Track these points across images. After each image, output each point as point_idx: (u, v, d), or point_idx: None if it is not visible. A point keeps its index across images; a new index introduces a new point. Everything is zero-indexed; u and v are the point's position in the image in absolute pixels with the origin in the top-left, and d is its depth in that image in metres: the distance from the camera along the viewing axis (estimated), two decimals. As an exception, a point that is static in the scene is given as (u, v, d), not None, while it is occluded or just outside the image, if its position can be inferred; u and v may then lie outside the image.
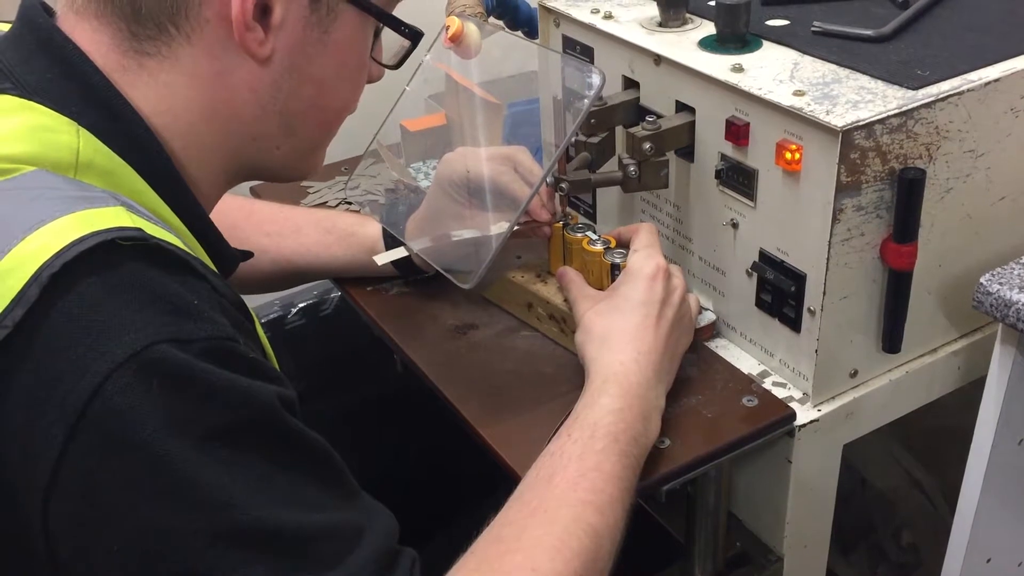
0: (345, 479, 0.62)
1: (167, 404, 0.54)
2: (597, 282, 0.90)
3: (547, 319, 0.94)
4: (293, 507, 0.57)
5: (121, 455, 0.54)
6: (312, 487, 0.59)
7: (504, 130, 1.13)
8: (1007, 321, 0.79)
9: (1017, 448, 0.90)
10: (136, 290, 0.56)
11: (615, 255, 0.89)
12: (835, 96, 0.80)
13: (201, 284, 0.60)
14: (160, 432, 0.54)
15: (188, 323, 0.56)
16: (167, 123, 0.68)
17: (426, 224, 0.98)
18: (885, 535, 1.36)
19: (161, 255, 0.58)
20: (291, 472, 0.58)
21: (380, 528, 0.61)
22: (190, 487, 0.54)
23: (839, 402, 0.88)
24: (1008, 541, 0.97)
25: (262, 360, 0.61)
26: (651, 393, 0.79)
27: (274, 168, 0.76)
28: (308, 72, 0.70)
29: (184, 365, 0.55)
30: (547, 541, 0.66)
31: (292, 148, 0.75)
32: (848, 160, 0.77)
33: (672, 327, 0.83)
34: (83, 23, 0.67)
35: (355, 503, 0.62)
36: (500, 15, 1.21)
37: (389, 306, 1.02)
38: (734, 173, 0.87)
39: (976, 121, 0.83)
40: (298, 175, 0.79)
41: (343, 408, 1.19)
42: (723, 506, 0.91)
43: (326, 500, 0.59)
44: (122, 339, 0.54)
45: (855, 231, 0.81)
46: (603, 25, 0.98)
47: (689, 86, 0.89)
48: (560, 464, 0.72)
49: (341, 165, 1.32)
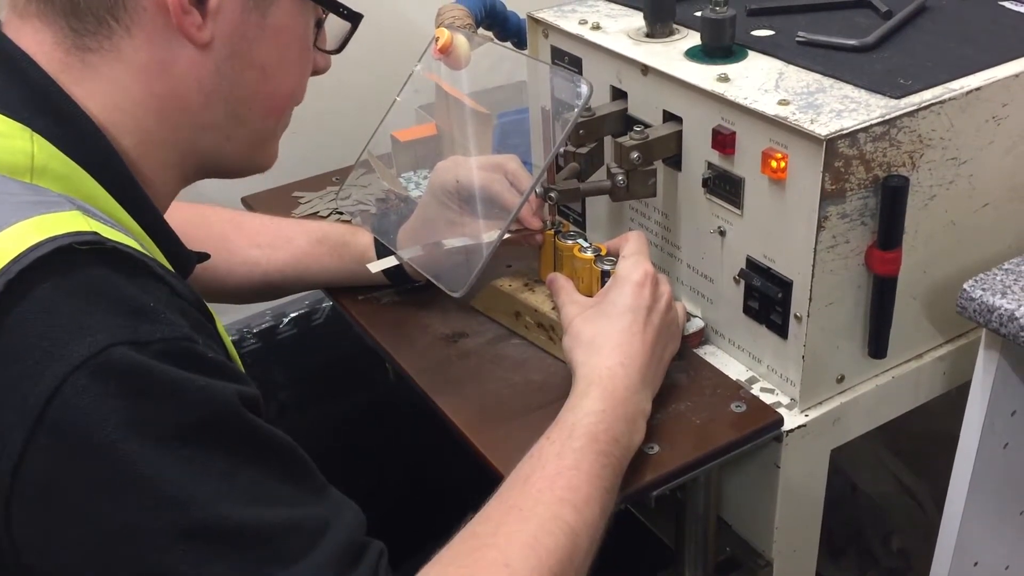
0: (310, 474, 0.63)
1: (125, 405, 0.54)
2: (587, 289, 0.91)
3: (535, 327, 0.95)
4: (256, 503, 0.57)
5: (80, 457, 0.54)
6: (275, 483, 0.59)
7: (494, 140, 1.14)
8: (990, 326, 0.80)
9: (1002, 452, 0.91)
10: (93, 294, 0.56)
11: (605, 262, 0.90)
12: (819, 105, 0.81)
13: (158, 286, 0.61)
14: (118, 433, 0.54)
15: (145, 325, 0.57)
16: (116, 120, 0.68)
17: (418, 233, 0.99)
18: (875, 540, 1.37)
19: (118, 258, 0.59)
20: (253, 468, 0.58)
21: (346, 521, 0.61)
22: (151, 486, 0.54)
23: (826, 407, 0.89)
24: (995, 544, 0.98)
25: (222, 359, 0.61)
26: (636, 397, 0.80)
27: (228, 161, 0.76)
28: (250, 58, 0.71)
29: (142, 366, 0.55)
30: (521, 538, 0.66)
31: (243, 138, 0.75)
32: (832, 168, 0.78)
33: (659, 333, 0.84)
34: (26, 25, 0.67)
35: (320, 497, 0.62)
36: (489, 26, 1.22)
37: (380, 315, 1.03)
38: (721, 181, 0.88)
39: (958, 129, 0.84)
40: (254, 167, 0.79)
41: (335, 416, 1.19)
42: (712, 511, 0.92)
43: (290, 495, 0.60)
44: (79, 343, 0.54)
45: (840, 238, 0.82)
46: (591, 36, 0.99)
47: (676, 96, 0.90)
48: (538, 464, 0.73)
49: (332, 175, 1.33)
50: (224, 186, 1.40)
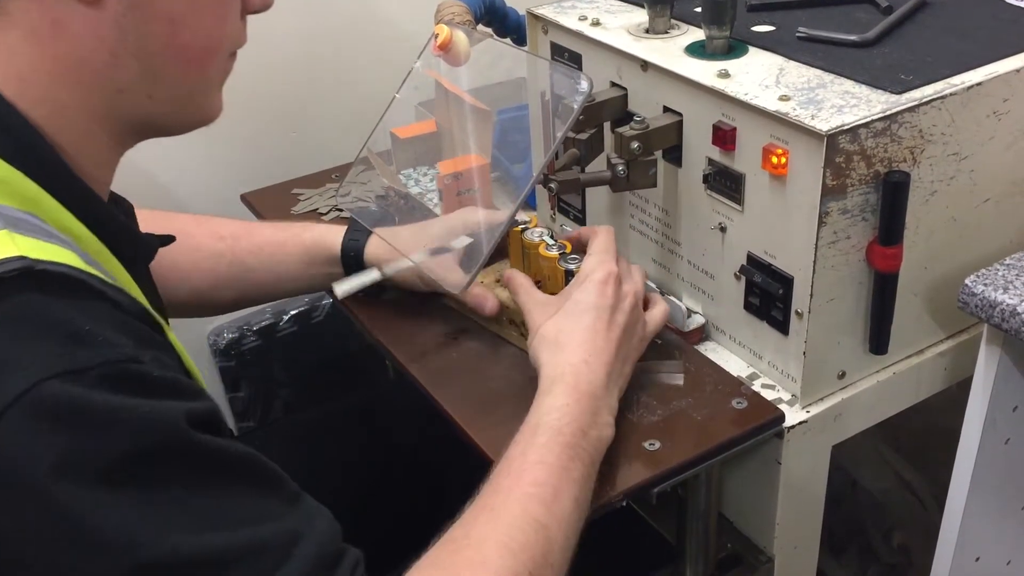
0: (276, 485, 0.60)
1: (59, 443, 0.52)
2: (554, 287, 0.91)
3: (507, 324, 0.95)
4: (213, 529, 0.55)
5: (15, 502, 0.52)
6: (235, 502, 0.57)
7: (494, 137, 1.14)
8: (992, 322, 0.80)
9: (1004, 447, 0.91)
10: (23, 323, 0.54)
11: (570, 260, 0.90)
12: (820, 101, 0.81)
13: (97, 304, 0.58)
14: (53, 474, 0.51)
15: (81, 351, 0.54)
16: (20, 90, 0.63)
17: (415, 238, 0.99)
18: (876, 536, 1.37)
19: (49, 280, 0.56)
20: (208, 492, 0.56)
21: (318, 532, 0.59)
22: (90, 530, 0.52)
23: (827, 403, 0.89)
24: (996, 539, 0.98)
25: (172, 376, 0.58)
26: (601, 392, 0.78)
27: (158, 120, 0.71)
28: (152, 9, 0.65)
29: (77, 399, 0.52)
30: (495, 536, 0.66)
31: (167, 96, 0.69)
32: (833, 164, 0.78)
33: (624, 332, 0.82)
34: None
35: (291, 509, 0.60)
36: (489, 22, 1.22)
37: (381, 312, 1.02)
38: (721, 177, 0.88)
39: (959, 124, 0.84)
40: (193, 122, 0.73)
41: (335, 414, 1.19)
42: (714, 508, 0.92)
43: (253, 513, 0.57)
44: (9, 379, 0.52)
45: (841, 234, 0.81)
46: (591, 32, 0.98)
47: (676, 92, 0.90)
48: (505, 464, 0.72)
49: (331, 173, 1.33)
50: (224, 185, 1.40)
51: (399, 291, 1.05)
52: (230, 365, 1.56)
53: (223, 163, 1.46)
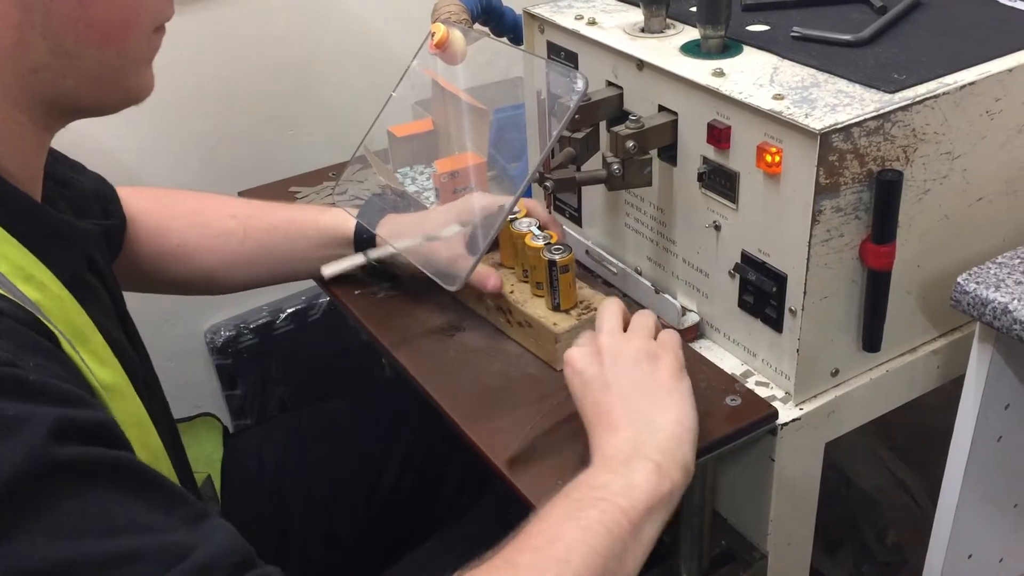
0: (170, 501, 0.57)
1: None
2: (538, 276, 0.93)
3: (495, 311, 0.97)
4: (85, 537, 0.52)
5: None
6: (105, 509, 0.54)
7: (490, 135, 1.14)
8: (984, 320, 0.81)
9: (996, 445, 0.91)
10: None
11: (553, 251, 0.92)
12: (814, 100, 0.81)
13: None
14: None
15: None
16: None
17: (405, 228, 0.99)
18: (870, 534, 1.37)
19: None
20: (72, 501, 0.53)
21: (216, 546, 0.56)
22: None
23: (821, 401, 0.89)
24: (989, 537, 0.98)
25: (50, 382, 0.55)
26: (621, 443, 0.74)
27: (80, 100, 0.67)
28: None
29: None
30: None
31: (83, 74, 0.65)
32: (827, 162, 0.78)
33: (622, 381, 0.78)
34: None
35: (185, 525, 0.56)
36: (485, 21, 1.22)
37: (377, 309, 1.03)
38: (716, 176, 0.88)
39: (952, 123, 0.84)
40: (118, 101, 0.69)
41: (331, 411, 1.19)
42: (708, 505, 0.92)
43: (129, 521, 0.54)
44: None
45: (834, 232, 0.82)
46: (587, 31, 0.99)
47: (671, 90, 0.90)
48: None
49: (328, 171, 1.33)
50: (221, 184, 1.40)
51: (396, 289, 1.05)
52: (227, 363, 1.56)
53: (221, 161, 1.47)
